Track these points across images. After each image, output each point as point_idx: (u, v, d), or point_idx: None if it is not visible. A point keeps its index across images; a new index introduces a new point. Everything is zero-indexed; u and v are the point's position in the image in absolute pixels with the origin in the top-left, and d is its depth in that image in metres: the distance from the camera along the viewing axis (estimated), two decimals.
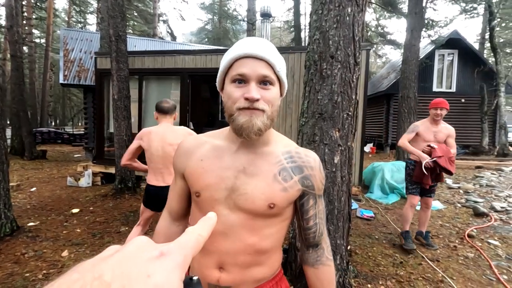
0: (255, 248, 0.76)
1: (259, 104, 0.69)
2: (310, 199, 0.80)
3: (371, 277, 2.50)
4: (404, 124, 7.74)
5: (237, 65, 0.70)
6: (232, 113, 0.71)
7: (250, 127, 0.69)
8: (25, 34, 15.77)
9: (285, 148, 0.80)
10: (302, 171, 0.78)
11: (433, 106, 3.08)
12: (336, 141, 2.06)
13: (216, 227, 0.75)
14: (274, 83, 0.72)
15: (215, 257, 0.77)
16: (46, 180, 6.42)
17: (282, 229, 0.80)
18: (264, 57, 0.69)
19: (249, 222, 0.75)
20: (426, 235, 3.21)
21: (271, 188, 0.74)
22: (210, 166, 0.78)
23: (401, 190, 5.25)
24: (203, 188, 0.77)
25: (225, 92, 0.74)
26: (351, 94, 2.06)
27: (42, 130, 15.67)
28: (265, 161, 0.77)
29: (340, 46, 2.01)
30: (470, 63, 11.94)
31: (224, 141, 0.81)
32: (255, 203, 0.73)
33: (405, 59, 7.93)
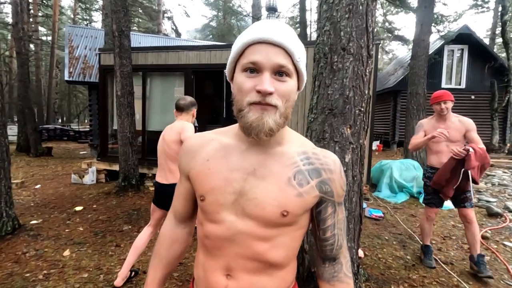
0: (265, 257, 0.66)
1: (272, 99, 0.59)
2: (329, 206, 0.70)
3: (382, 280, 2.39)
4: (413, 121, 7.55)
5: (249, 52, 0.61)
6: (242, 108, 0.61)
7: (260, 126, 0.60)
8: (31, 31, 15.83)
9: (300, 148, 0.70)
10: (320, 175, 0.67)
11: (435, 100, 2.61)
12: (347, 138, 1.94)
13: (221, 232, 0.63)
14: (291, 74, 0.62)
15: (222, 261, 0.68)
16: (50, 177, 6.42)
17: (297, 239, 0.70)
18: (282, 43, 0.59)
19: (259, 231, 0.65)
20: (477, 260, 2.45)
21: (284, 194, 0.64)
22: (216, 167, 0.69)
23: (410, 189, 5.12)
24: (208, 191, 0.68)
25: (235, 82, 0.64)
26: (363, 88, 1.94)
27: (48, 127, 15.78)
28: (278, 162, 0.67)
29: (352, 37, 1.88)
30: (480, 59, 11.65)
31: (233, 139, 0.71)
32: (265, 209, 0.64)
33: (414, 54, 7.71)
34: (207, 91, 8.39)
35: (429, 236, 2.78)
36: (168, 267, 0.83)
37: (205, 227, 0.70)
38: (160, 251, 0.83)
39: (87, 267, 2.54)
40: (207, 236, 0.70)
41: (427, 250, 2.74)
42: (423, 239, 2.81)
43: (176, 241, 0.83)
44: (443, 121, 2.64)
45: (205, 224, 0.70)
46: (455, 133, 2.57)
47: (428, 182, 2.69)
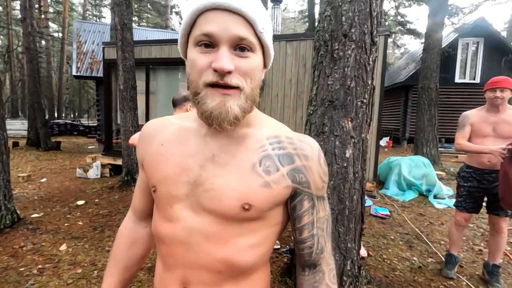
0: (229, 263, 0.55)
1: (232, 79, 0.49)
2: (305, 200, 0.58)
3: (385, 283, 2.26)
4: (424, 116, 7.31)
5: (202, 21, 0.49)
6: (198, 91, 0.51)
7: (223, 114, 0.49)
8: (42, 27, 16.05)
9: (272, 132, 0.58)
10: (292, 161, 0.56)
11: (490, 86, 2.20)
12: (348, 132, 1.82)
13: (176, 233, 0.45)
14: (254, 49, 0.51)
15: (177, 273, 0.58)
16: (57, 171, 6.48)
17: (268, 239, 0.59)
18: (241, 9, 0.48)
19: (218, 228, 0.54)
20: (491, 269, 2.28)
21: (246, 183, 0.53)
22: (170, 152, 0.59)
23: (419, 186, 4.93)
24: (160, 180, 0.58)
25: (188, 59, 0.53)
26: (366, 78, 1.81)
27: (59, 122, 16.07)
28: (243, 146, 0.56)
29: (354, 23, 1.75)
30: (496, 52, 11.16)
31: (193, 122, 0.61)
32: (223, 202, 0.53)
33: (426, 47, 7.43)
34: None
35: (456, 245, 2.44)
36: (126, 272, 0.73)
37: (158, 227, 0.60)
38: (117, 254, 0.73)
39: (82, 262, 2.50)
40: (161, 239, 0.60)
41: (449, 259, 2.45)
42: (449, 246, 2.50)
43: (135, 242, 0.73)
44: (496, 113, 2.22)
45: (158, 224, 0.60)
46: (507, 127, 2.17)
47: (461, 182, 2.36)
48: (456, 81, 11.46)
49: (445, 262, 2.49)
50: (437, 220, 3.79)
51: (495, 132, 2.19)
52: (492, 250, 2.30)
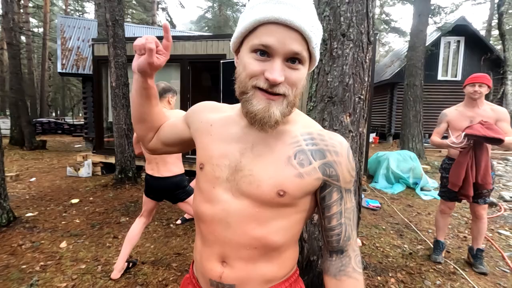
0: (263, 242, 0.63)
1: (280, 88, 0.55)
2: (334, 192, 0.65)
3: (380, 269, 2.40)
4: (409, 112, 7.58)
5: (262, 31, 0.55)
6: (246, 91, 0.57)
7: (266, 118, 0.56)
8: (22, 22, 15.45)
9: (305, 129, 0.66)
10: (324, 156, 0.63)
11: (469, 81, 2.36)
12: (347, 126, 1.92)
13: (216, 213, 0.58)
14: (304, 62, 0.57)
15: (216, 249, 0.66)
16: (46, 170, 6.35)
17: (298, 223, 0.67)
18: (300, 27, 0.53)
19: (255, 211, 0.62)
20: (476, 254, 2.46)
21: (282, 173, 0.61)
22: (216, 135, 0.68)
23: (407, 179, 5.15)
24: (207, 160, 0.67)
25: (240, 59, 0.60)
26: (363, 75, 1.92)
27: (42, 121, 15.58)
28: (279, 140, 0.63)
29: (352, 23, 1.85)
30: (476, 51, 11.64)
31: (234, 113, 0.70)
32: (260, 188, 0.60)
33: (411, 45, 7.69)
34: (204, 82, 8.30)
35: (442, 231, 2.61)
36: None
37: (200, 207, 0.68)
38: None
39: (84, 258, 2.52)
40: (202, 219, 0.67)
41: (437, 245, 2.62)
42: (436, 233, 2.68)
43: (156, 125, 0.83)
44: (473, 107, 2.38)
45: (200, 205, 0.68)
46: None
47: (444, 174, 2.52)
48: (439, 79, 11.89)
49: (433, 248, 2.66)
50: (424, 211, 3.99)
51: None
52: (474, 235, 2.48)
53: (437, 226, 2.65)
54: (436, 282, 2.23)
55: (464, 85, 2.44)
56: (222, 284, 0.65)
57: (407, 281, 2.23)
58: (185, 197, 2.24)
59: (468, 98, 2.40)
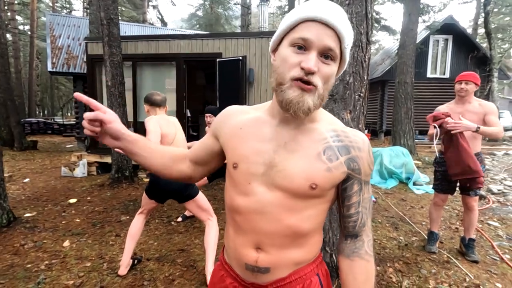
0: (294, 230, 0.69)
1: (313, 78, 0.60)
2: (355, 184, 0.71)
3: (378, 259, 2.51)
4: (401, 109, 7.76)
5: (302, 27, 0.61)
6: (283, 82, 0.63)
7: (300, 104, 0.61)
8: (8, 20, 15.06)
9: (330, 126, 0.72)
10: (349, 152, 0.69)
11: (457, 79, 2.52)
12: (347, 123, 2.00)
13: (251, 205, 0.68)
14: (336, 59, 0.63)
15: (251, 237, 0.71)
16: (38, 171, 6.26)
17: (324, 211, 0.74)
18: (336, 26, 0.60)
19: (288, 202, 0.68)
20: (468, 243, 2.58)
21: (313, 167, 0.67)
22: (248, 136, 0.72)
23: (400, 175, 5.30)
24: (241, 159, 0.71)
25: (279, 54, 0.66)
26: (363, 74, 2.00)
27: (31, 121, 15.22)
28: (309, 137, 0.69)
29: (352, 24, 1.92)
30: (464, 49, 11.97)
31: (264, 114, 0.75)
32: (294, 181, 0.67)
33: (402, 43, 7.87)
34: (199, 80, 8.30)
35: (436, 223, 2.73)
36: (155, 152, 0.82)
37: (235, 200, 0.73)
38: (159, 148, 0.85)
39: (89, 256, 2.54)
40: (237, 210, 0.72)
41: (431, 236, 2.74)
42: (430, 224, 2.79)
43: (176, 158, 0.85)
44: (462, 104, 2.53)
45: (235, 198, 0.73)
46: (471, 116, 2.44)
47: (437, 167, 2.63)
48: (428, 76, 12.18)
49: (428, 239, 2.78)
50: (417, 204, 4.14)
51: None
52: (466, 225, 2.61)
53: (431, 218, 2.78)
54: (431, 271, 2.35)
55: (454, 83, 2.59)
56: (258, 267, 0.71)
57: (404, 270, 2.34)
58: (194, 195, 2.26)
59: (457, 95, 2.56)
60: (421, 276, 2.26)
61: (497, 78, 11.13)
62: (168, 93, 5.71)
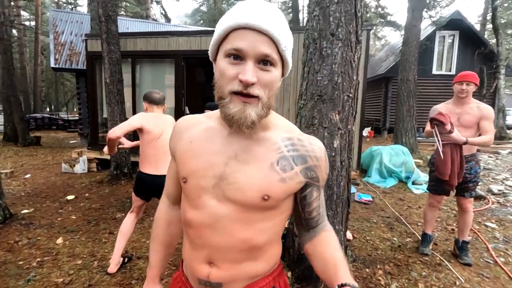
0: (248, 243, 0.67)
1: (254, 89, 0.58)
2: (314, 191, 0.72)
3: (369, 261, 2.49)
4: (403, 107, 7.66)
5: (233, 37, 0.58)
6: (223, 97, 0.61)
7: (242, 119, 0.59)
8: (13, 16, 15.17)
9: (286, 134, 0.70)
10: (305, 161, 0.68)
11: (457, 80, 2.44)
12: (336, 124, 1.97)
13: (203, 218, 0.65)
14: (276, 64, 0.60)
15: (204, 251, 0.70)
16: (40, 166, 6.34)
17: (280, 222, 0.72)
18: (268, 31, 0.57)
19: (241, 215, 0.66)
20: (461, 246, 2.54)
21: (266, 178, 0.64)
22: (199, 149, 0.70)
23: (399, 174, 5.25)
24: (190, 174, 0.69)
25: (217, 66, 0.63)
26: (352, 74, 1.96)
27: (36, 116, 15.40)
28: (262, 147, 0.67)
29: (341, 22, 1.88)
30: (470, 45, 11.73)
31: (216, 123, 0.72)
32: (246, 194, 0.64)
33: (405, 40, 7.73)
34: (198, 78, 8.28)
35: (430, 224, 2.69)
36: (169, 248, 0.88)
37: (187, 214, 0.71)
38: (159, 234, 0.86)
39: (81, 254, 2.57)
40: (189, 224, 0.71)
41: (424, 237, 2.70)
42: (424, 226, 2.75)
43: (172, 223, 0.85)
44: (461, 105, 2.46)
45: (187, 211, 0.71)
46: (469, 117, 2.40)
47: (432, 168, 2.58)
48: (433, 73, 11.98)
49: (421, 241, 2.75)
50: (415, 204, 4.09)
51: (459, 122, 2.43)
52: (460, 227, 2.57)
53: (425, 219, 2.74)
54: (422, 273, 2.32)
55: (453, 82, 2.51)
56: (210, 282, 0.70)
57: (394, 273, 2.32)
58: None
59: (456, 96, 2.48)
60: (411, 279, 2.24)
61: (504, 75, 10.90)
62: (168, 89, 5.71)
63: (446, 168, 2.33)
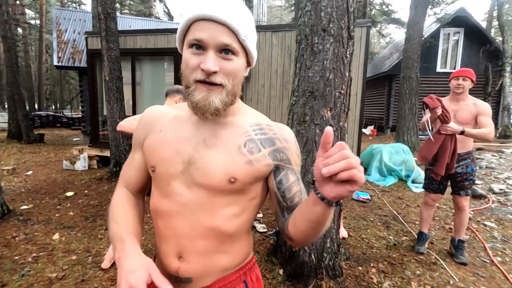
0: (216, 231, 0.67)
1: (216, 78, 0.60)
2: (290, 174, 0.69)
3: (363, 259, 2.47)
4: (405, 105, 7.59)
5: (195, 28, 0.60)
6: (189, 85, 0.62)
7: (206, 106, 0.61)
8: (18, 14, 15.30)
9: (254, 121, 0.71)
10: (273, 144, 0.68)
11: (453, 75, 2.43)
12: (327, 121, 1.95)
13: (172, 206, 0.64)
14: (237, 53, 0.62)
15: (173, 244, 0.69)
16: (42, 163, 6.40)
17: (249, 210, 0.71)
18: (226, 21, 0.58)
19: (208, 200, 0.66)
20: (457, 245, 2.52)
21: (233, 161, 0.65)
22: (168, 137, 0.70)
23: (399, 172, 5.20)
24: (159, 161, 0.69)
25: (183, 57, 0.64)
26: (344, 70, 1.94)
27: (41, 114, 15.57)
28: (230, 131, 0.68)
29: (333, 18, 1.86)
30: (476, 42, 11.55)
31: (186, 112, 0.73)
32: (213, 177, 0.65)
33: (408, 37, 7.64)
34: None
35: (426, 223, 2.67)
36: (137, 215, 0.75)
37: (157, 203, 0.71)
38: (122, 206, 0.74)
39: (76, 250, 2.59)
40: (159, 214, 0.70)
41: (420, 236, 2.68)
42: (420, 224, 2.73)
43: (136, 206, 0.78)
44: (457, 101, 2.46)
45: (158, 201, 0.71)
46: (465, 114, 2.40)
47: (428, 166, 2.57)
48: (437, 71, 11.83)
49: (417, 239, 2.72)
50: (414, 203, 4.05)
51: (456, 119, 2.41)
52: (457, 226, 2.55)
53: (421, 217, 2.71)
54: (416, 272, 2.30)
55: (450, 78, 2.49)
56: (179, 277, 0.69)
57: (388, 271, 2.30)
58: None
59: (453, 92, 2.46)
60: (404, 278, 2.22)
61: (509, 72, 10.73)
62: (167, 87, 5.72)
63: (428, 152, 2.34)
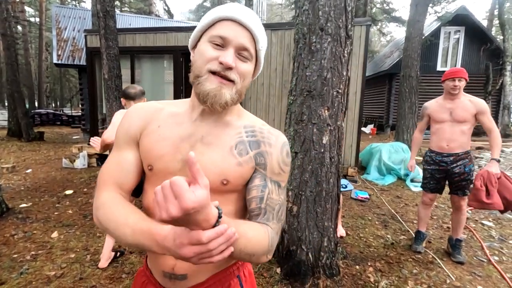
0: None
1: (231, 74, 0.62)
2: (256, 178, 0.68)
3: (360, 258, 2.47)
4: (405, 104, 7.56)
5: (220, 26, 0.63)
6: (200, 75, 0.63)
7: (217, 97, 0.62)
8: (18, 12, 15.28)
9: (250, 123, 0.73)
10: (258, 146, 0.69)
11: (448, 76, 2.38)
12: (325, 120, 1.95)
13: None
14: (251, 59, 0.66)
15: None
16: (42, 161, 6.41)
17: (243, 210, 0.72)
18: (251, 27, 0.63)
19: None
20: (454, 244, 2.51)
21: (225, 162, 0.66)
22: (166, 133, 0.70)
23: (398, 171, 5.20)
24: (157, 159, 0.68)
25: (197, 50, 0.66)
26: (341, 70, 1.94)
27: (41, 112, 15.58)
28: (225, 131, 0.69)
29: (330, 17, 1.86)
30: (476, 41, 11.51)
31: (183, 109, 0.73)
32: (208, 177, 0.60)
33: (408, 36, 7.61)
34: None
35: (423, 222, 2.67)
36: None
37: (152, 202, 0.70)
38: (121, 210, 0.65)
39: (74, 248, 2.60)
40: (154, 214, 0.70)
41: (418, 235, 2.68)
42: (418, 224, 2.72)
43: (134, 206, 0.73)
44: (451, 100, 2.43)
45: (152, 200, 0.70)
46: (462, 112, 2.37)
47: (425, 166, 2.59)
48: (438, 69, 11.79)
49: (414, 238, 2.73)
50: (412, 202, 4.06)
51: (451, 117, 2.41)
52: (454, 226, 2.55)
53: (419, 216, 2.72)
54: (413, 271, 2.30)
55: (443, 79, 2.47)
56: (174, 274, 0.70)
57: (385, 270, 2.30)
58: None
59: (448, 92, 2.45)
60: (401, 277, 2.22)
61: (510, 71, 10.70)
62: (166, 85, 5.72)
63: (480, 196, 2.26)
